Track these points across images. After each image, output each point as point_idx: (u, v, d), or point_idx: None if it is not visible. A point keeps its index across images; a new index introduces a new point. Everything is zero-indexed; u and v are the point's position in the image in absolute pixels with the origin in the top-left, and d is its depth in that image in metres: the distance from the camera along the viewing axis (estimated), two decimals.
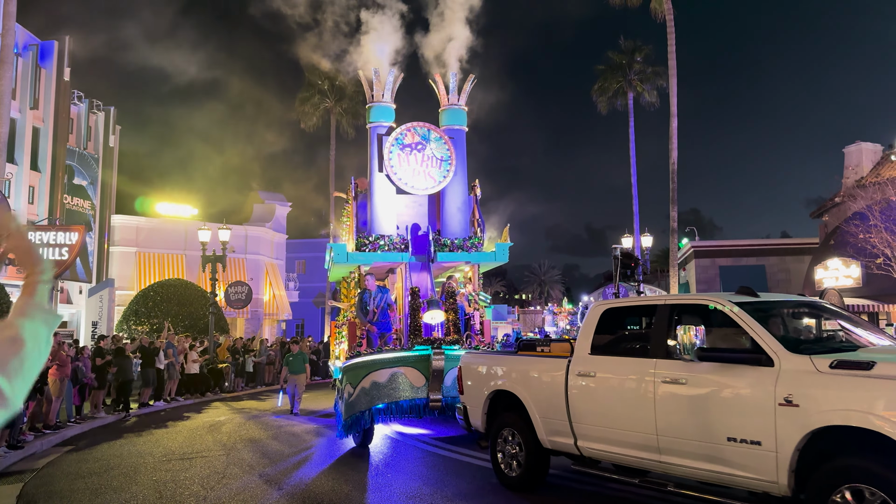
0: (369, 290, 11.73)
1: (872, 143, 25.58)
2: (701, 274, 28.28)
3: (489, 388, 8.03)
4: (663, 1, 26.29)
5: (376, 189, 12.43)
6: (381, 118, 12.61)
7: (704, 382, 5.63)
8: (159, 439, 12.38)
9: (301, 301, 41.13)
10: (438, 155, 12.47)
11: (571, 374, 6.89)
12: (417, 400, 10.44)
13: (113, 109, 30.65)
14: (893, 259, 17.58)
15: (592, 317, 7.10)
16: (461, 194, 12.79)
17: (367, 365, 10.58)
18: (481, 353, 9.30)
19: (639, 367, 6.23)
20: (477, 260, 12.43)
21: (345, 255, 11.93)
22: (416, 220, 12.59)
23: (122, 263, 30.37)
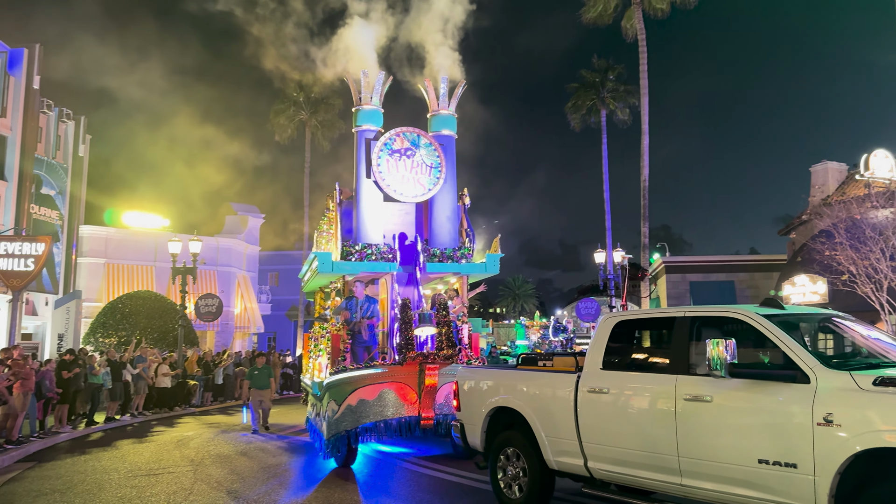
0: (357, 297, 11.15)
1: (838, 162, 26.05)
2: (671, 289, 28.52)
3: (489, 405, 7.52)
4: (635, 21, 26.68)
5: (363, 196, 11.90)
6: (369, 122, 12.14)
7: (732, 400, 5.25)
8: (125, 455, 11.96)
9: (273, 314, 40.61)
10: (428, 162, 12.04)
11: (581, 390, 6.45)
12: (408, 418, 9.94)
13: (83, 119, 30.03)
14: (858, 276, 17.92)
15: (603, 330, 6.62)
16: (451, 203, 12.33)
17: (354, 381, 10.00)
18: (479, 368, 8.81)
19: (657, 383, 5.82)
20: (467, 271, 11.99)
21: (330, 264, 11.36)
22: (402, 228, 12.06)
23: (90, 275, 29.70)
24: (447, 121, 12.51)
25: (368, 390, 9.93)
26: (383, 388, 9.96)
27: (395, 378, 10.03)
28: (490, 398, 7.56)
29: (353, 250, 11.37)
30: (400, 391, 9.99)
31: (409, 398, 9.99)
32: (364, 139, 12.01)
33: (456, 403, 8.19)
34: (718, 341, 5.17)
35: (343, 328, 11.00)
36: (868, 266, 17.70)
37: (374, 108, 12.20)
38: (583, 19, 27.72)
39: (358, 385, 9.94)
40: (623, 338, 6.63)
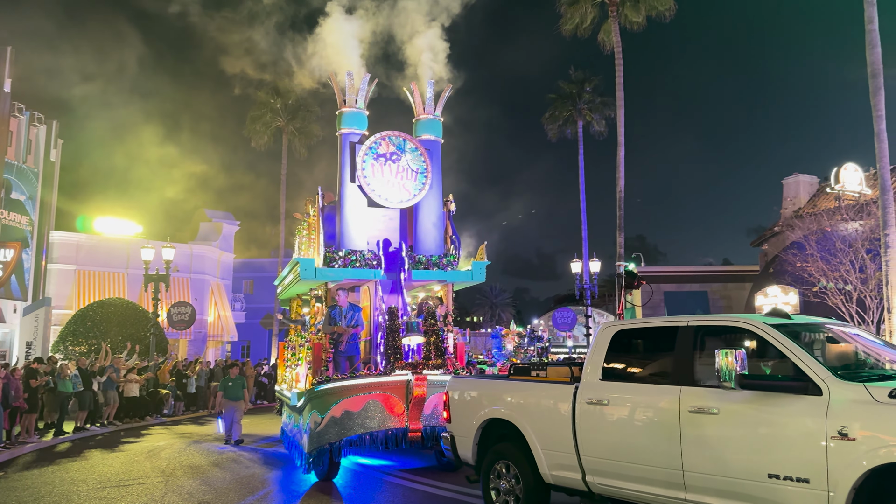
0: (340, 306, 10.76)
1: (809, 175, 26.49)
2: (646, 299, 28.79)
3: (481, 417, 7.22)
4: (612, 33, 26.93)
5: (347, 200, 11.51)
6: (354, 125, 11.79)
7: (740, 412, 5.05)
8: (94, 465, 11.57)
9: (248, 322, 40.15)
10: (414, 167, 11.75)
11: (580, 401, 6.20)
12: (395, 430, 9.54)
13: (55, 123, 29.51)
14: (829, 287, 18.21)
15: (602, 339, 6.38)
16: (436, 209, 12.02)
17: (339, 391, 9.56)
18: (470, 379, 8.46)
19: (661, 395, 5.60)
20: (453, 279, 11.65)
21: (313, 270, 10.92)
22: (386, 234, 11.72)
23: (60, 282, 29.13)
24: (433, 125, 12.22)
25: (354, 401, 9.53)
26: (369, 399, 9.55)
27: (382, 389, 9.62)
28: (482, 409, 7.27)
29: (337, 256, 11.00)
30: (386, 402, 9.60)
31: (395, 409, 9.60)
32: (348, 142, 11.69)
33: (446, 415, 7.87)
34: (727, 351, 4.98)
35: (325, 337, 10.61)
36: (838, 278, 17.99)
37: (359, 110, 11.87)
38: (561, 31, 27.95)
39: (342, 396, 9.54)
40: (623, 347, 6.38)
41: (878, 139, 15.36)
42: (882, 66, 15.39)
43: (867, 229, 18.33)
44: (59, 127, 29.77)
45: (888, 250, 14.82)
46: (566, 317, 29.92)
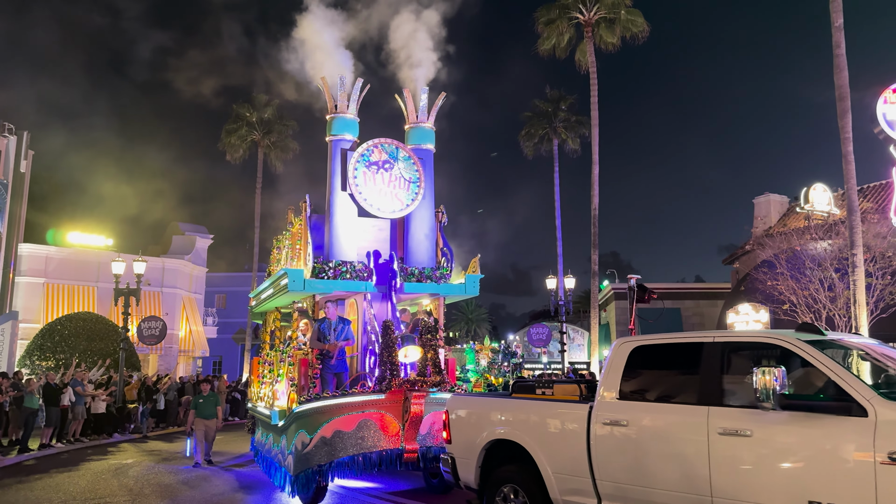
0: (329, 319, 10.22)
1: (780, 194, 26.98)
2: (620, 315, 28.85)
3: (485, 438, 6.75)
4: (587, 54, 27.24)
5: (337, 209, 10.95)
6: (345, 131, 11.27)
7: (776, 434, 4.70)
8: (59, 484, 11.13)
9: (220, 337, 39.53)
10: (407, 176, 11.29)
11: (596, 422, 5.80)
12: (390, 451, 9.02)
13: (26, 134, 28.94)
14: (798, 305, 18.46)
15: (619, 356, 5.99)
16: (429, 220, 11.53)
17: (329, 410, 9.00)
18: (473, 397, 7.94)
19: (686, 415, 5.24)
20: (445, 292, 11.15)
21: (301, 281, 10.24)
22: (376, 245, 11.21)
23: (28, 295, 28.38)
24: (426, 134, 11.78)
25: (345, 420, 8.98)
26: (362, 417, 9.00)
27: (377, 407, 9.08)
28: (486, 430, 6.80)
29: (327, 267, 10.41)
30: (381, 421, 9.07)
31: (390, 429, 9.09)
32: (339, 149, 11.19)
33: (446, 435, 7.37)
34: (766, 370, 4.63)
35: (312, 352, 10.08)
36: (808, 296, 18.26)
37: (351, 116, 11.38)
38: (538, 51, 28.24)
39: (334, 415, 8.99)
40: (641, 365, 5.96)
41: (845, 161, 15.64)
42: (849, 89, 15.74)
43: (836, 249, 18.61)
44: (29, 138, 29.31)
45: (855, 270, 15.04)
46: (541, 333, 29.98)
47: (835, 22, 15.77)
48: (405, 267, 10.98)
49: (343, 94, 11.35)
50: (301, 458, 9.01)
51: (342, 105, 11.35)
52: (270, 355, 12.55)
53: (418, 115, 11.80)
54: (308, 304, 10.96)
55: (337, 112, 11.38)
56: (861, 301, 14.81)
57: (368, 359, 10.43)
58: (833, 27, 15.80)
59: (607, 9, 26.37)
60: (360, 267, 10.65)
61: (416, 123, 11.82)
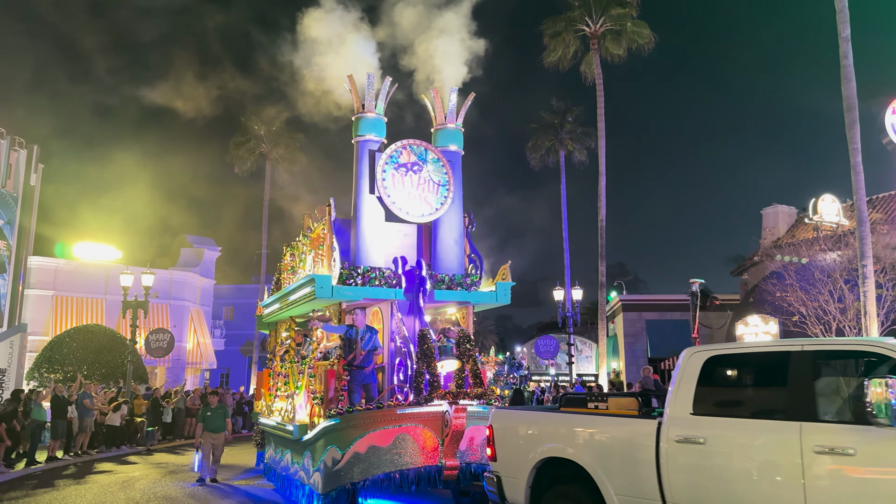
0: (357, 327, 9.73)
1: (788, 206, 26.88)
2: (628, 327, 28.74)
3: (537, 456, 6.29)
4: (594, 65, 27.28)
5: (364, 213, 10.48)
6: (373, 131, 10.78)
7: (887, 453, 4.33)
8: (66, 497, 11.19)
9: (227, 349, 39.59)
10: (436, 179, 10.82)
11: (666, 439, 5.36)
12: (428, 467, 8.53)
13: (36, 148, 29.23)
14: (808, 317, 18.32)
15: (691, 367, 5.54)
16: (457, 225, 11.07)
17: (363, 424, 8.57)
18: (521, 411, 7.56)
19: (774, 432, 4.84)
20: (476, 300, 10.66)
21: (329, 288, 9.70)
22: (402, 251, 10.72)
23: (37, 307, 28.55)
24: (454, 135, 11.35)
25: (381, 435, 8.51)
26: (399, 432, 8.52)
27: (415, 421, 8.59)
28: (538, 447, 6.33)
29: (356, 273, 9.91)
30: (419, 436, 8.59)
31: (428, 444, 8.59)
32: (367, 150, 10.71)
33: (490, 452, 6.90)
34: (880, 381, 4.31)
35: (339, 363, 9.59)
36: (817, 308, 18.13)
37: (378, 116, 10.91)
38: (544, 63, 28.29)
39: (368, 429, 8.54)
40: (716, 377, 5.56)
41: (854, 171, 15.56)
42: (857, 100, 15.66)
43: (845, 260, 18.50)
44: (39, 152, 29.51)
45: (866, 281, 14.93)
46: (549, 344, 29.87)
47: (842, 32, 15.74)
48: (434, 273, 10.52)
49: (371, 92, 10.88)
50: (332, 475, 8.57)
51: (369, 104, 10.89)
52: (285, 367, 12.08)
53: (446, 116, 11.36)
54: (332, 312, 10.48)
55: (364, 112, 10.91)
56: (871, 312, 14.69)
57: (397, 370, 9.97)
58: (840, 38, 15.77)
59: (613, 21, 26.45)
60: (389, 273, 10.18)
61: (444, 125, 11.38)
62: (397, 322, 10.16)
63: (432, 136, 11.47)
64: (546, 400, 21.09)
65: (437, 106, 11.38)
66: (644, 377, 16.31)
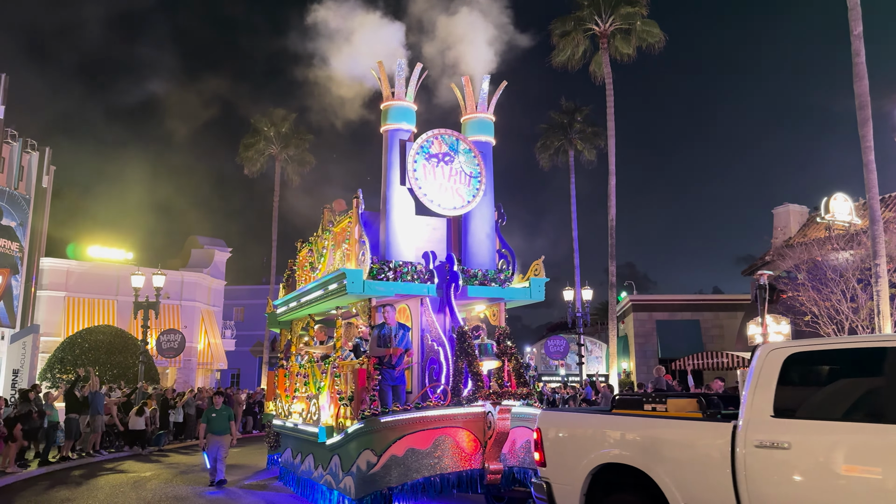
0: (389, 325, 9.30)
1: (799, 205, 26.72)
2: (639, 327, 28.63)
3: (593, 461, 5.87)
4: (602, 65, 27.18)
5: (394, 206, 10.07)
6: (403, 120, 10.38)
7: None
8: (78, 497, 11.28)
9: (238, 350, 39.76)
10: (468, 170, 10.44)
11: (744, 444, 4.90)
12: (470, 471, 8.21)
13: (48, 150, 29.39)
14: (820, 317, 18.21)
15: (769, 366, 5.10)
16: (489, 218, 10.73)
17: (402, 425, 8.19)
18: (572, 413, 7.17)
19: (875, 436, 4.37)
20: (510, 296, 10.36)
21: (360, 283, 9.31)
22: (431, 246, 10.32)
23: (49, 308, 28.77)
24: (485, 126, 10.94)
25: (420, 437, 8.15)
26: (439, 434, 8.18)
27: (456, 422, 8.23)
28: (593, 452, 5.90)
29: (387, 268, 9.48)
30: (460, 438, 8.26)
31: (469, 447, 8.26)
32: (397, 140, 10.30)
33: (539, 457, 6.48)
34: None
35: (369, 361, 9.22)
36: (830, 307, 18.01)
37: (408, 105, 10.49)
38: (553, 62, 28.24)
39: (406, 431, 8.17)
40: (800, 376, 5.16)
41: (866, 170, 15.46)
42: (870, 97, 15.57)
43: (858, 259, 18.38)
44: (51, 154, 29.71)
45: (879, 280, 14.83)
46: (559, 345, 29.78)
47: (854, 30, 15.66)
48: (467, 269, 10.15)
49: (401, 80, 10.44)
50: (366, 479, 8.21)
51: (399, 92, 10.46)
52: (305, 367, 11.64)
53: (477, 105, 10.99)
54: (360, 308, 10.09)
55: (394, 100, 10.47)
56: (885, 312, 14.59)
57: (428, 370, 9.55)
58: (852, 35, 15.68)
59: (622, 20, 26.37)
60: (421, 268, 9.80)
61: (476, 114, 10.98)
62: (429, 319, 9.75)
63: (462, 125, 11.13)
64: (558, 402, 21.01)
65: (467, 94, 11.00)
66: (657, 377, 16.26)
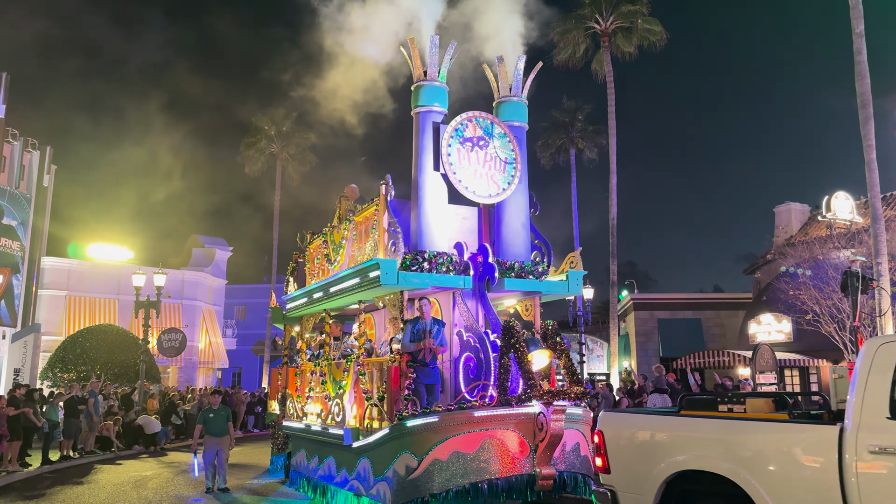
0: (424, 319, 8.68)
1: (801, 203, 26.69)
2: (640, 326, 28.62)
3: (667, 468, 5.40)
4: (604, 63, 27.17)
5: (427, 192, 9.44)
6: (436, 101, 9.73)
7: None
8: (79, 495, 11.27)
9: (239, 349, 39.78)
10: (503, 156, 9.83)
11: (855, 450, 4.43)
12: (519, 476, 7.65)
13: (49, 149, 29.43)
14: (822, 315, 18.19)
15: (883, 362, 4.66)
16: (525, 207, 10.14)
17: (444, 427, 7.62)
18: (640, 415, 6.62)
19: None
20: (548, 290, 9.79)
21: (395, 274, 8.70)
22: (460, 237, 9.69)
23: (50, 307, 28.80)
24: (519, 109, 10.36)
25: (466, 439, 7.60)
26: (487, 436, 7.63)
27: (506, 423, 7.69)
28: (668, 457, 5.42)
29: (421, 259, 8.88)
30: (509, 440, 7.72)
31: (517, 450, 7.73)
32: (430, 122, 9.66)
33: (601, 463, 6.04)
34: None
35: (402, 359, 8.66)
36: (831, 306, 17.98)
37: (440, 84, 9.85)
38: (554, 61, 28.20)
39: (450, 433, 7.61)
40: None
41: (868, 168, 15.43)
42: (871, 96, 15.54)
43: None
44: (52, 153, 29.73)
45: (881, 278, 14.81)
46: None
47: (856, 28, 15.63)
48: (503, 261, 9.57)
49: (433, 58, 9.80)
50: (405, 485, 7.69)
51: (432, 71, 9.81)
52: (321, 365, 11.00)
53: (511, 88, 10.37)
54: (389, 302, 9.48)
55: (426, 79, 9.82)
56: (886, 311, 14.52)
57: (464, 367, 8.92)
58: (854, 33, 15.65)
59: (624, 18, 26.33)
60: (457, 259, 9.20)
61: (509, 97, 10.38)
62: (464, 313, 9.18)
63: (494, 109, 10.55)
64: None
65: (501, 76, 10.42)
66: (657, 377, 16.22)
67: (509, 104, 10.40)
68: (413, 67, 9.95)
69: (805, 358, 21.77)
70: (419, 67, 9.87)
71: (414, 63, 9.91)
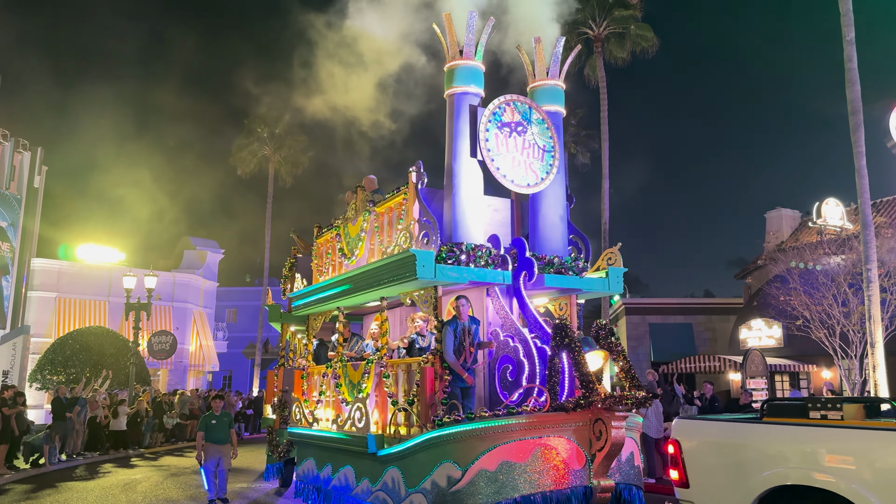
0: (461, 319, 8.11)
1: (792, 209, 26.86)
2: (632, 330, 28.68)
3: (761, 483, 4.98)
4: (597, 68, 27.28)
5: (463, 180, 8.74)
6: (472, 83, 9.04)
7: None
8: (67, 499, 11.19)
9: (230, 351, 39.63)
10: (540, 143, 9.17)
11: None
12: (574, 489, 7.04)
13: (40, 150, 29.29)
14: (812, 321, 18.27)
15: None
16: (562, 199, 9.57)
17: (491, 434, 6.96)
18: (725, 422, 5.88)
19: None
20: (588, 287, 9.20)
21: (432, 267, 7.98)
22: (493, 229, 9.03)
23: (40, 309, 28.60)
24: (556, 94, 9.75)
25: (516, 448, 6.97)
26: (538, 444, 7.03)
27: (560, 431, 7.12)
28: (762, 470, 5.01)
29: (458, 251, 8.21)
30: (562, 449, 7.12)
31: (571, 460, 7.13)
32: (466, 105, 8.96)
33: (679, 476, 5.62)
34: None
35: (436, 359, 8.06)
36: (821, 311, 18.08)
37: (477, 64, 9.13)
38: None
39: (499, 440, 6.97)
40: None
41: (858, 175, 15.51)
42: (862, 103, 15.63)
43: (849, 264, 18.46)
44: (43, 153, 29.58)
45: (870, 285, 14.88)
46: None
47: (846, 36, 15.71)
48: (541, 255, 9.02)
49: (470, 36, 9.07)
50: (447, 498, 7.05)
51: (468, 50, 9.06)
52: (336, 366, 10.24)
53: (548, 72, 9.78)
54: (419, 298, 8.77)
55: (462, 59, 9.08)
56: (876, 316, 14.65)
57: (499, 370, 8.37)
58: (845, 41, 15.74)
59: (617, 23, 26.45)
60: (495, 252, 8.53)
61: (545, 81, 9.77)
62: (501, 311, 8.57)
63: (529, 94, 9.95)
64: None
65: (537, 59, 9.79)
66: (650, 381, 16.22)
67: (546, 89, 9.79)
68: (447, 46, 9.25)
69: (795, 363, 21.89)
70: (454, 46, 9.15)
71: (449, 40, 9.21)
